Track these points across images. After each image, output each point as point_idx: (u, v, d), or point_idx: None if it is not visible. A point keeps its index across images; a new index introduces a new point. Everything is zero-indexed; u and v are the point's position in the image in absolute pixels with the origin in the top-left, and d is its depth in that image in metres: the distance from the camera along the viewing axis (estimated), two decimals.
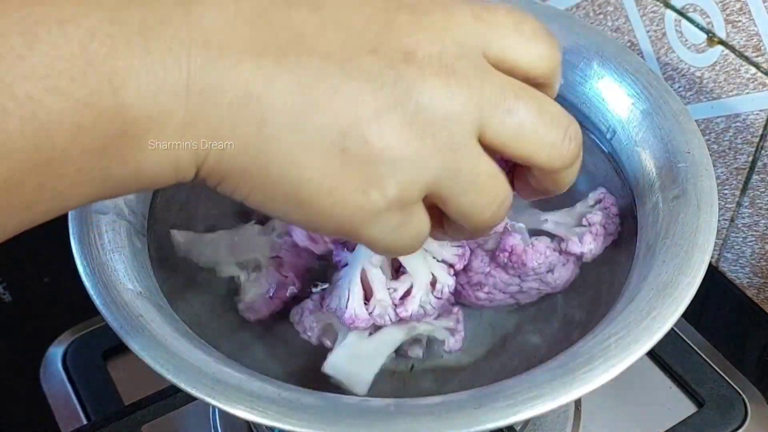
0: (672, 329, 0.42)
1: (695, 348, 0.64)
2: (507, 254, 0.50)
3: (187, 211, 0.53)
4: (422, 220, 0.37)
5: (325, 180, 0.34)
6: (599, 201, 0.53)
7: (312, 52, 0.34)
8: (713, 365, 0.63)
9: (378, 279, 0.48)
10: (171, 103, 0.33)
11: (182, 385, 0.40)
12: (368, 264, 0.48)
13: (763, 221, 0.61)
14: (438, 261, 0.49)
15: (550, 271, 0.51)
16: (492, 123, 0.36)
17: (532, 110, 0.36)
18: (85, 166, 0.32)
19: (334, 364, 0.48)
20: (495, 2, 0.37)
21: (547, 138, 0.37)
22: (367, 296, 0.48)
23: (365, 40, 0.35)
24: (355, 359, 0.49)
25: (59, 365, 0.66)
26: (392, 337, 0.49)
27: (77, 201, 0.34)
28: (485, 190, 0.37)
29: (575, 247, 0.51)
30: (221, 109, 0.33)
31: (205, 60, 0.33)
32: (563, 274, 0.51)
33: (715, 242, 0.47)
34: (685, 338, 0.65)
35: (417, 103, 0.34)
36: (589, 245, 0.51)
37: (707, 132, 0.61)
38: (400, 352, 0.51)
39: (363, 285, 0.48)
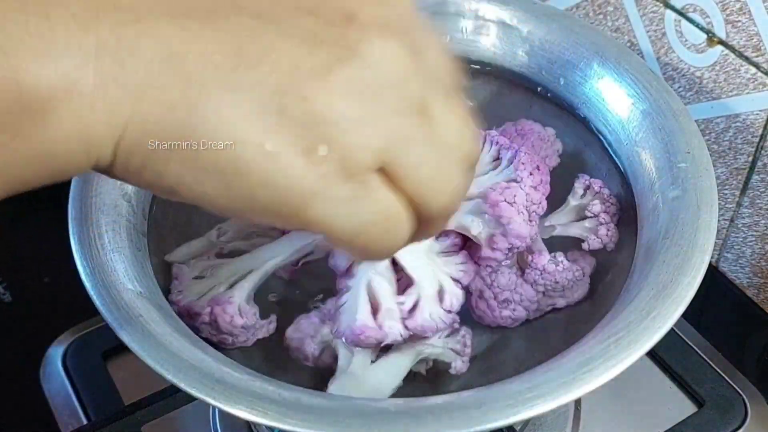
0: (672, 329, 0.42)
1: (695, 348, 0.64)
2: (539, 272, 0.50)
3: (187, 212, 0.53)
4: (383, 196, 0.33)
5: (263, 142, 0.31)
6: (587, 188, 0.53)
7: (242, 13, 0.32)
8: (713, 365, 0.63)
9: (384, 290, 0.47)
10: (77, 70, 0.29)
11: (182, 386, 0.40)
12: (373, 274, 0.47)
13: (763, 221, 0.61)
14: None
15: (573, 285, 0.51)
16: (434, 100, 0.34)
17: (458, 100, 0.35)
18: None
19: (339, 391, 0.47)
20: None
21: (470, 129, 0.35)
22: (374, 311, 0.46)
23: (302, 4, 0.33)
24: (361, 389, 0.47)
25: (59, 365, 0.66)
26: (399, 363, 0.48)
27: None
28: (443, 164, 0.34)
29: (596, 243, 0.51)
30: (138, 72, 0.30)
31: (117, 22, 0.30)
32: (582, 286, 0.51)
33: (715, 242, 0.47)
34: (685, 338, 0.65)
35: (361, 62, 0.32)
36: (606, 236, 0.51)
37: (707, 132, 0.61)
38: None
39: (369, 299, 0.47)
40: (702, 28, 0.58)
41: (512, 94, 0.58)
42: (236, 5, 0.32)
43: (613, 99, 0.54)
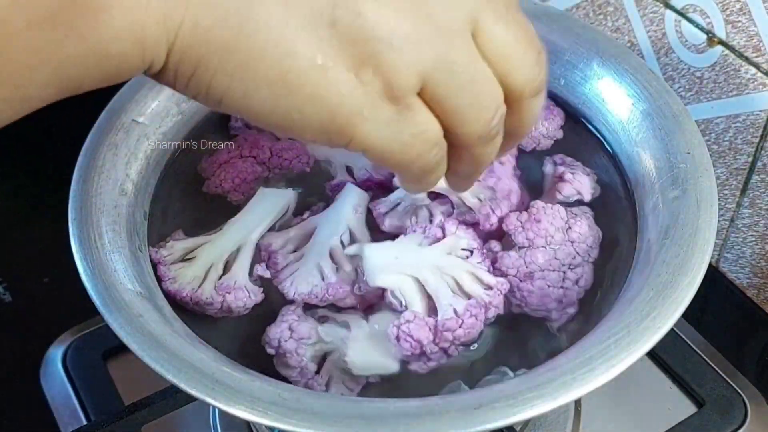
0: (672, 329, 0.42)
1: (695, 348, 0.64)
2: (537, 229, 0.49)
3: (188, 212, 0.53)
4: (424, 118, 0.34)
5: (315, 55, 0.31)
6: (554, 165, 0.54)
7: None
8: (713, 365, 0.63)
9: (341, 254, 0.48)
10: None
11: (182, 386, 0.40)
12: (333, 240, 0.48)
13: (763, 222, 0.61)
14: (461, 297, 0.47)
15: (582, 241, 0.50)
16: (484, 22, 0.35)
17: (518, 24, 0.37)
18: (34, 42, 0.29)
19: (361, 363, 0.47)
20: None
21: (526, 55, 0.36)
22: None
23: None
24: (375, 347, 0.47)
25: (59, 365, 0.66)
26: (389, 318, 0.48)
27: (36, 90, 0.30)
28: (482, 93, 0.35)
29: (568, 189, 0.52)
30: None
31: None
32: (585, 228, 0.50)
33: (715, 243, 0.47)
34: (685, 338, 0.65)
35: None
36: (576, 186, 0.52)
37: (707, 132, 0.61)
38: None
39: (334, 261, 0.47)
40: (702, 29, 0.58)
41: None
42: None
43: (613, 99, 0.54)
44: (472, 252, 0.49)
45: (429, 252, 0.48)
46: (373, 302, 0.49)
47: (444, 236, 0.49)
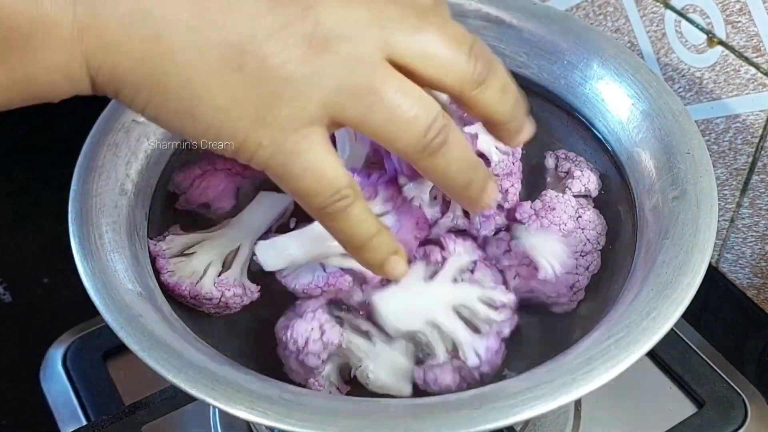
0: (672, 330, 0.42)
1: (695, 348, 0.64)
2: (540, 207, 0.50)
3: (189, 212, 0.53)
4: (325, 153, 0.36)
5: (221, 97, 0.34)
6: (556, 160, 0.55)
7: None
8: (713, 366, 0.63)
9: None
10: (56, 12, 0.33)
11: (182, 386, 0.40)
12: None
13: (762, 222, 0.61)
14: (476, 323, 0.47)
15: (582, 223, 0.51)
16: (397, 42, 0.36)
17: (435, 29, 0.37)
18: None
19: (380, 382, 0.46)
20: None
21: (453, 56, 0.37)
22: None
23: None
24: (395, 369, 0.47)
25: (59, 366, 0.66)
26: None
27: None
28: (398, 108, 0.36)
29: (578, 185, 0.52)
30: (112, 23, 0.33)
31: None
32: (593, 216, 0.51)
33: (715, 243, 0.47)
34: (685, 339, 0.65)
35: (315, 20, 0.35)
36: (584, 182, 0.52)
37: (707, 132, 0.61)
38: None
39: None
40: (702, 29, 0.58)
41: None
42: None
43: (612, 99, 0.54)
44: (475, 263, 0.49)
45: (437, 287, 0.48)
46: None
47: (444, 258, 0.49)
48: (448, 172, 0.39)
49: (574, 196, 0.52)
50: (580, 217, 0.51)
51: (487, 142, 0.51)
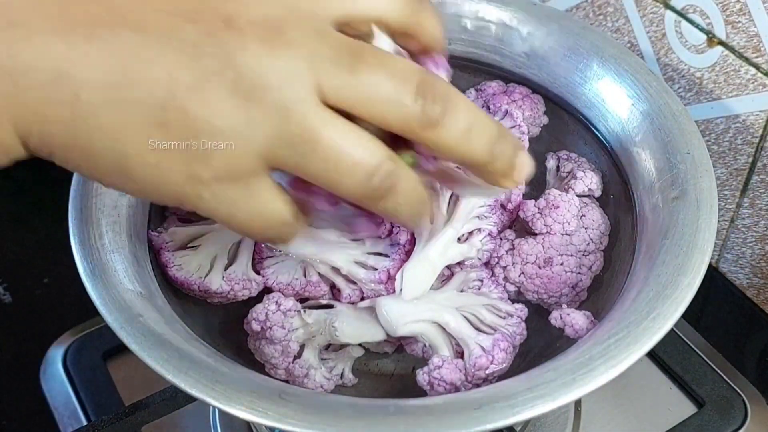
0: (672, 330, 0.42)
1: (695, 349, 0.64)
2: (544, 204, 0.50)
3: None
4: (269, 197, 0.36)
5: (148, 155, 0.34)
6: (558, 161, 0.55)
7: (125, 25, 0.33)
8: (713, 366, 0.63)
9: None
10: None
11: (182, 386, 0.40)
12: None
13: (763, 222, 0.61)
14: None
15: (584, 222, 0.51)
16: (332, 83, 0.34)
17: (375, 67, 0.34)
18: None
19: (349, 331, 0.48)
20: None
21: (395, 95, 0.34)
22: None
23: (183, 9, 0.34)
24: (362, 318, 0.48)
25: (59, 366, 0.66)
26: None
27: None
28: (337, 155, 0.34)
29: (580, 186, 0.52)
30: (33, 91, 0.33)
31: (12, 41, 0.32)
32: (597, 215, 0.52)
33: (715, 243, 0.47)
34: (685, 339, 0.65)
35: (238, 70, 0.33)
36: (587, 179, 0.52)
37: (707, 133, 0.61)
38: (401, 351, 0.51)
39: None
40: (702, 29, 0.58)
41: None
42: (118, 14, 0.33)
43: (612, 100, 0.54)
44: (482, 281, 0.49)
45: (442, 295, 0.48)
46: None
47: (452, 273, 0.49)
48: (398, 214, 0.38)
49: (578, 196, 0.52)
50: (584, 216, 0.51)
51: None
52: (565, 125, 0.57)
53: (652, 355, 0.63)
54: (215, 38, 0.33)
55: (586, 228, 0.51)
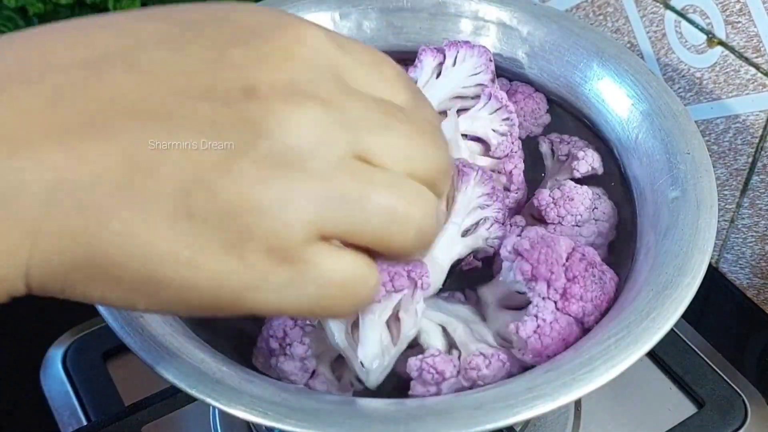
0: (672, 330, 0.42)
1: (695, 349, 0.64)
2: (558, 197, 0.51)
3: None
4: (329, 266, 0.31)
5: (180, 251, 0.29)
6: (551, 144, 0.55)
7: (126, 115, 0.29)
8: (713, 366, 0.63)
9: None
10: None
11: (182, 386, 0.40)
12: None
13: (763, 222, 0.61)
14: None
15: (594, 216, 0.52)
16: (369, 141, 0.31)
17: (407, 124, 0.32)
18: None
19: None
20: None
21: (426, 148, 0.33)
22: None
23: (194, 86, 0.30)
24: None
25: (59, 366, 0.66)
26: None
27: None
28: (393, 209, 0.31)
29: (584, 166, 0.52)
30: (30, 209, 0.28)
31: None
32: (608, 208, 0.52)
33: (715, 243, 0.47)
34: (685, 339, 0.65)
35: (267, 139, 0.29)
36: (587, 161, 0.52)
37: (707, 133, 0.61)
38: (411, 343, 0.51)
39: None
40: (702, 29, 0.58)
41: None
42: (118, 103, 0.29)
43: (612, 100, 0.54)
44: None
45: (452, 306, 0.48)
46: None
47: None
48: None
49: (582, 178, 0.53)
50: (596, 208, 0.51)
51: (483, 126, 0.51)
52: (565, 125, 0.57)
53: (652, 355, 0.63)
54: (235, 110, 0.29)
55: (596, 220, 0.51)
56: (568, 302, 0.45)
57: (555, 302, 0.45)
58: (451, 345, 0.47)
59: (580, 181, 0.53)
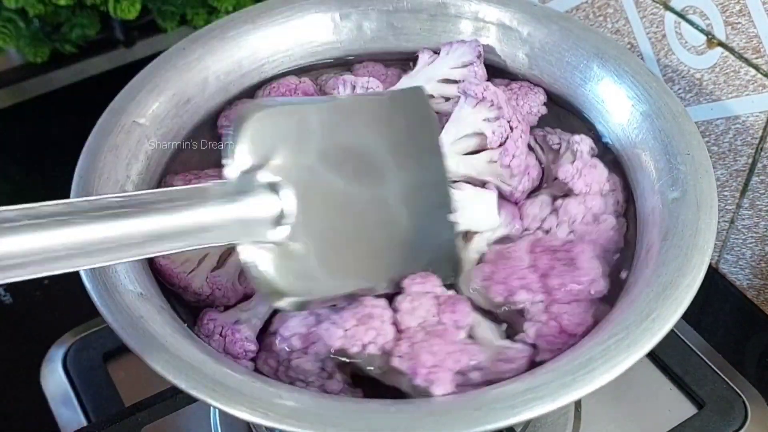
0: (672, 330, 0.42)
1: (695, 349, 0.64)
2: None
3: None
4: None
5: None
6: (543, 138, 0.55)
7: None
8: (713, 367, 0.63)
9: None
10: None
11: (183, 387, 0.40)
12: None
13: (762, 223, 0.61)
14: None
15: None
16: None
17: None
18: None
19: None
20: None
21: None
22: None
23: None
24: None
25: (60, 367, 0.66)
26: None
27: None
28: None
29: (585, 146, 0.53)
30: None
31: None
32: (618, 181, 0.53)
33: (715, 244, 0.47)
34: (685, 340, 0.65)
35: None
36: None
37: (707, 134, 0.61)
38: None
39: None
40: (702, 30, 0.58)
41: None
42: None
43: (612, 101, 0.54)
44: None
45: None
46: None
47: None
48: None
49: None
50: (609, 179, 0.52)
51: (472, 122, 0.51)
52: (565, 126, 0.57)
53: (652, 355, 0.63)
54: None
55: (612, 190, 0.52)
56: (551, 295, 0.46)
57: (541, 301, 0.46)
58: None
59: None
